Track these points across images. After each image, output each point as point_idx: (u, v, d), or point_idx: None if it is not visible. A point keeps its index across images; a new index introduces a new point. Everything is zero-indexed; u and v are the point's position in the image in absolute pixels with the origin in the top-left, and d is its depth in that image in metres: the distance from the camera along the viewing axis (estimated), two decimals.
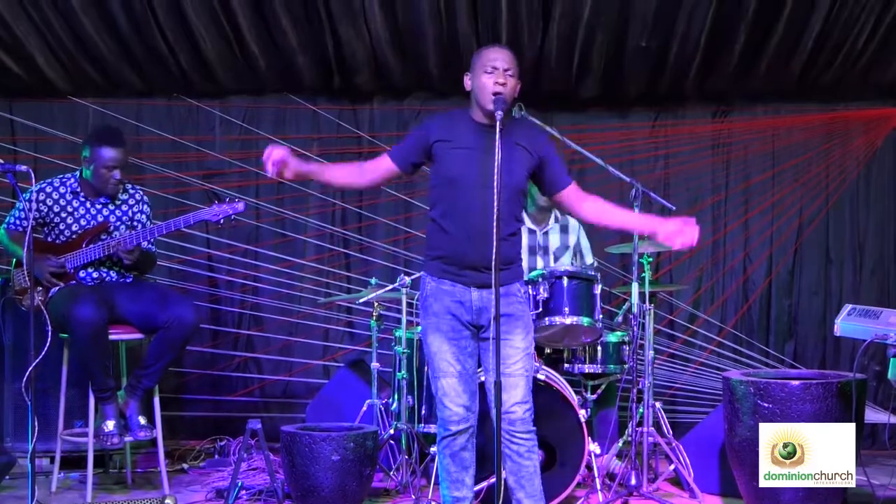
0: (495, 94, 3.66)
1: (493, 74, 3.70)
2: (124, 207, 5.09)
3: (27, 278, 4.70)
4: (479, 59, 3.78)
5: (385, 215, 6.77)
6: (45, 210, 4.95)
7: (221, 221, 4.91)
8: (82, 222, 4.99)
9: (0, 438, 5.40)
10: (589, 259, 5.76)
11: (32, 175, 4.34)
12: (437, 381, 3.82)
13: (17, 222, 5.01)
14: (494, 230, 3.44)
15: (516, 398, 3.74)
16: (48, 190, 4.98)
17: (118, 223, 5.04)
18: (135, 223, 5.12)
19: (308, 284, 6.67)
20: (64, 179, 5.05)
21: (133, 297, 4.92)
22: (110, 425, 4.78)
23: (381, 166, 3.89)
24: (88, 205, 5.02)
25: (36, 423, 4.09)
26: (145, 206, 5.18)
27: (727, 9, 5.85)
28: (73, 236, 4.96)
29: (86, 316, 4.63)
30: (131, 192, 5.16)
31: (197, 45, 6.24)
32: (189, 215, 4.91)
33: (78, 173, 5.06)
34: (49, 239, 4.99)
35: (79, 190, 5.02)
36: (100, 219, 5.01)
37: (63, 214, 4.97)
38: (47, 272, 4.86)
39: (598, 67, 6.35)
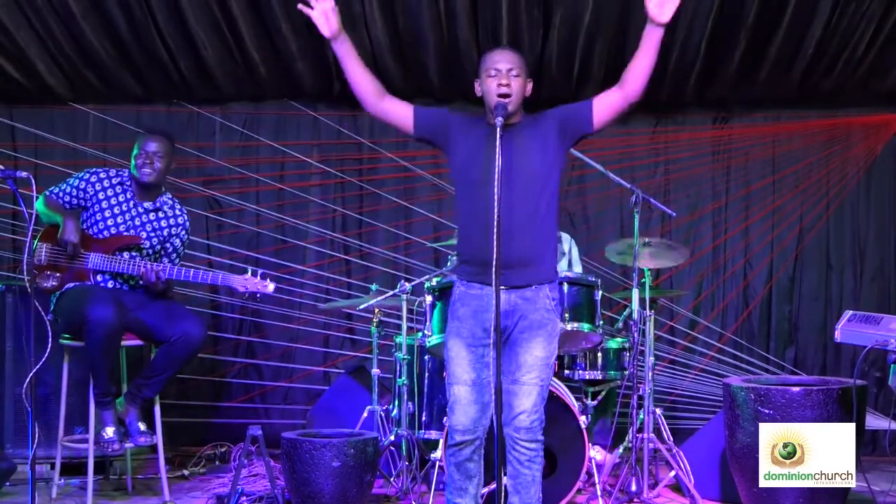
0: (500, 96, 3.66)
1: (496, 77, 3.70)
2: (164, 223, 5.05)
3: (47, 254, 4.77)
4: (484, 62, 3.77)
5: (386, 221, 6.77)
6: (92, 193, 4.96)
7: (246, 295, 4.96)
8: (118, 220, 4.96)
9: (0, 444, 5.40)
10: (578, 270, 5.77)
11: (33, 181, 4.34)
12: (450, 388, 3.80)
13: (60, 194, 4.99)
14: (495, 232, 3.41)
15: (525, 407, 3.72)
16: (101, 175, 5.01)
17: (152, 234, 5.01)
18: (167, 245, 5.09)
19: (308, 291, 6.67)
20: (119, 171, 5.08)
21: (141, 307, 4.89)
22: (110, 432, 4.76)
23: (400, 107, 3.83)
24: (132, 204, 5.01)
25: (36, 430, 4.09)
26: (183, 232, 5.13)
27: (727, 16, 5.86)
28: (105, 232, 4.94)
29: (102, 316, 4.59)
30: (178, 211, 5.13)
31: (197, 51, 6.25)
32: (218, 275, 4.92)
33: (130, 171, 5.06)
34: (84, 226, 4.97)
35: (128, 184, 5.03)
36: (137, 223, 5.00)
37: (104, 204, 4.96)
38: (75, 231, 4.80)
39: (598, 74, 6.35)
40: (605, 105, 3.74)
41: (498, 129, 3.52)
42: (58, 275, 4.84)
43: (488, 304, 3.60)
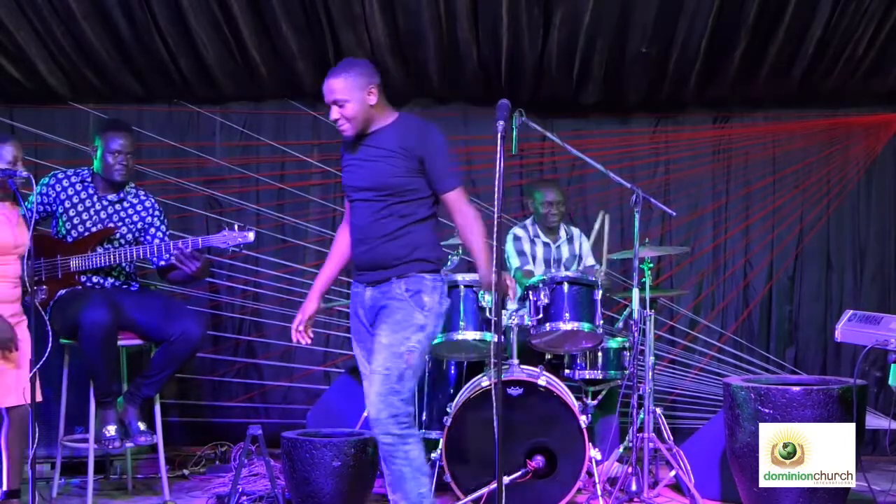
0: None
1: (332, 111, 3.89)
2: (130, 211, 5.05)
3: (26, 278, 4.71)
4: None
5: None
6: (53, 196, 4.94)
7: (230, 250, 4.96)
8: (84, 217, 4.96)
9: None
10: (589, 261, 5.80)
11: (33, 181, 4.34)
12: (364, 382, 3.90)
13: (31, 209, 4.97)
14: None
15: (371, 397, 3.72)
16: (60, 177, 5.00)
17: (121, 225, 5.01)
18: (146, 226, 5.08)
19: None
20: (78, 171, 5.06)
21: (139, 306, 4.89)
22: (111, 430, 4.76)
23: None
24: (95, 199, 5.00)
25: (36, 430, 4.09)
26: (157, 212, 5.14)
27: (727, 16, 5.86)
28: (73, 232, 4.94)
29: (97, 319, 4.59)
30: (143, 196, 5.14)
31: (198, 51, 6.24)
32: (198, 239, 4.89)
33: (91, 168, 5.05)
34: (54, 232, 4.97)
35: (90, 181, 5.02)
36: (103, 216, 4.99)
37: (68, 205, 4.95)
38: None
39: (598, 74, 6.35)
40: (446, 206, 3.87)
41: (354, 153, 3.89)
42: (45, 287, 4.83)
43: (362, 297, 3.92)
